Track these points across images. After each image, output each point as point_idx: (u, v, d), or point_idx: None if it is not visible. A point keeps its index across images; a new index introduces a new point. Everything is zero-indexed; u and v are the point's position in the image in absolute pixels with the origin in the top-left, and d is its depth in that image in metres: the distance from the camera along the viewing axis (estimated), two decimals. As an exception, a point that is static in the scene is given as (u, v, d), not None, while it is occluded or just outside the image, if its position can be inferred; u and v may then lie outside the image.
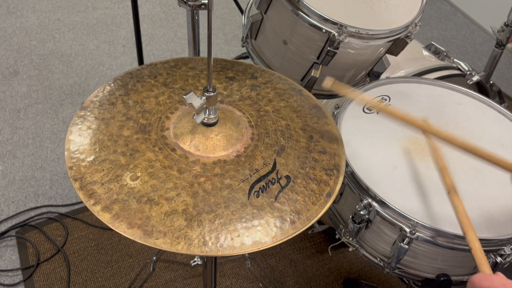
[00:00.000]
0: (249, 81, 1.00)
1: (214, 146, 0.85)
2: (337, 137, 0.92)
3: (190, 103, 0.82)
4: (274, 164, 0.85)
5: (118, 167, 0.80)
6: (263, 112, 0.95)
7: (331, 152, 0.89)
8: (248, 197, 0.79)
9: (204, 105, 0.84)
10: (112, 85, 0.95)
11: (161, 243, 0.72)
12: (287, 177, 0.83)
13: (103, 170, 0.80)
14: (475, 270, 1.00)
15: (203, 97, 0.83)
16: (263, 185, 0.81)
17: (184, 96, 0.82)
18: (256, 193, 0.80)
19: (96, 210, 0.75)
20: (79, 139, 0.84)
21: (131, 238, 0.72)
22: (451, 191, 0.90)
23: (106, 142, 0.84)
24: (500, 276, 0.71)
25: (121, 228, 0.73)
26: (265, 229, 0.75)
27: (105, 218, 0.74)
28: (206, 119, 0.86)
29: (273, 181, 0.82)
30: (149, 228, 0.73)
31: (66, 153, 0.82)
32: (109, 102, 0.91)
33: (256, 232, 0.75)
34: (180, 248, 0.72)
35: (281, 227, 0.76)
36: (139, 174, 0.80)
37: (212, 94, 0.83)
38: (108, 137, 0.85)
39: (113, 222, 0.74)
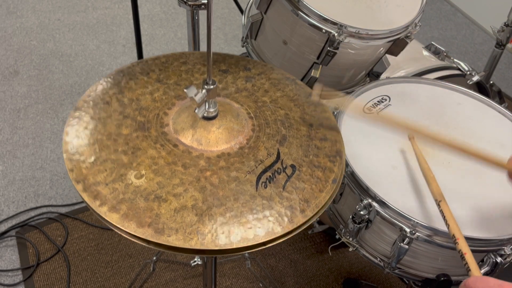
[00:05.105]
0: (242, 73, 1.00)
1: (216, 139, 0.85)
2: (335, 123, 0.93)
3: (192, 97, 0.81)
4: (278, 153, 0.85)
5: (121, 166, 0.79)
6: (261, 102, 0.94)
7: (332, 138, 0.89)
8: (256, 188, 0.79)
9: (204, 98, 0.84)
10: (104, 83, 0.94)
11: (174, 240, 0.71)
12: (292, 166, 0.83)
13: (106, 170, 0.78)
14: (469, 273, 1.00)
15: (203, 90, 0.82)
16: (270, 176, 0.81)
17: (185, 90, 0.81)
18: (263, 183, 0.80)
19: (103, 211, 0.73)
20: (77, 140, 0.83)
21: (142, 237, 0.71)
22: (441, 199, 0.91)
23: (105, 141, 0.83)
24: (493, 278, 0.73)
25: (131, 228, 0.71)
26: (276, 219, 0.75)
27: (113, 218, 0.72)
28: (206, 112, 0.86)
29: (279, 171, 0.82)
30: (160, 226, 0.72)
31: (64, 155, 0.80)
32: (103, 101, 0.90)
33: (268, 223, 0.75)
34: (194, 243, 0.71)
35: (292, 216, 0.76)
36: (143, 172, 0.79)
37: (212, 86, 0.82)
38: (107, 137, 0.84)
39: (122, 222, 0.72)
